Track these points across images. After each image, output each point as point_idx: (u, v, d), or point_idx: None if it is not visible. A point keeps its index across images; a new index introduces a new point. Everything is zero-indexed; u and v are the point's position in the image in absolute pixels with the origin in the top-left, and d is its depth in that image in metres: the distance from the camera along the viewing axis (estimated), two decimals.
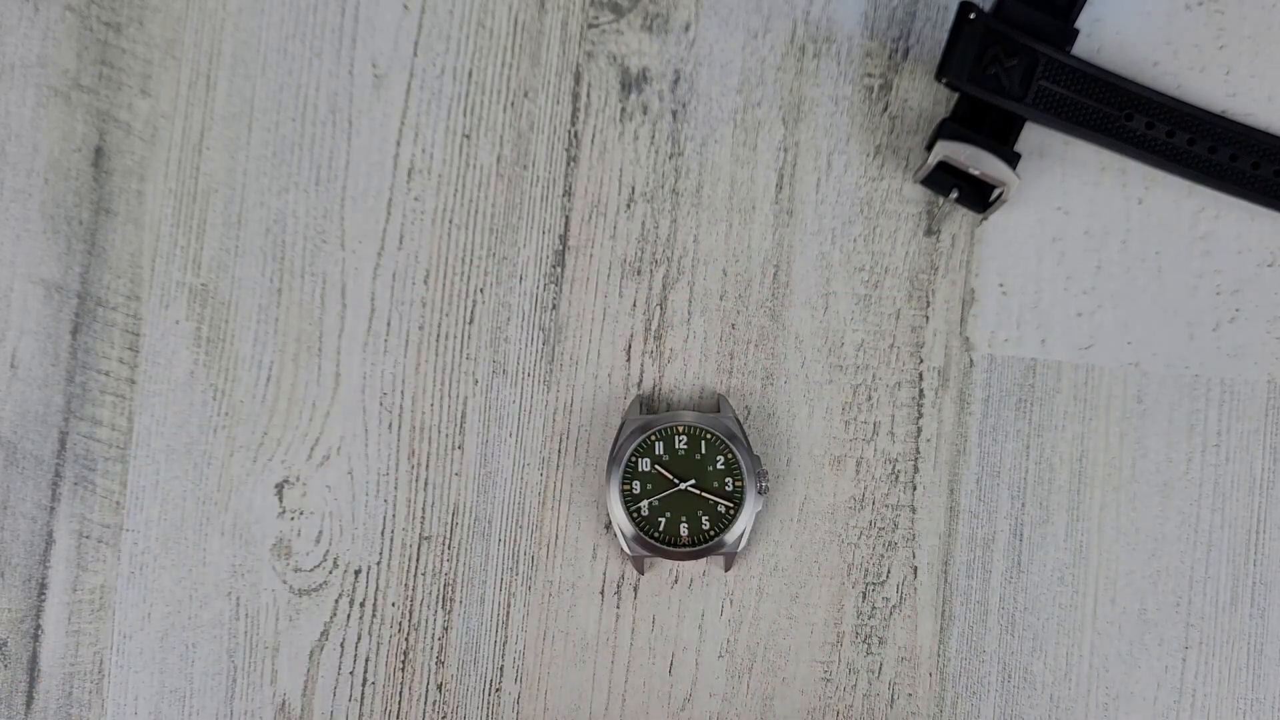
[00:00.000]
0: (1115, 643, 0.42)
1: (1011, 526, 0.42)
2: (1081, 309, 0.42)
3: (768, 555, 0.42)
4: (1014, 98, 0.41)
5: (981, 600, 0.42)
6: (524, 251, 0.42)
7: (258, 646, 0.41)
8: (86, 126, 0.42)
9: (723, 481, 0.41)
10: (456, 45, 0.43)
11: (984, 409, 0.42)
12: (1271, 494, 0.42)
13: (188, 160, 0.42)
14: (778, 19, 0.43)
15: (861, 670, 0.42)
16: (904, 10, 0.43)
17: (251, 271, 0.42)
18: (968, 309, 0.42)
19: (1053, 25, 0.41)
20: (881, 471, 0.42)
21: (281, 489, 0.42)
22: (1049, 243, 0.43)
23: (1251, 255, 0.43)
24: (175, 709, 0.41)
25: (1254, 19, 0.43)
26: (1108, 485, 0.42)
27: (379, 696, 0.41)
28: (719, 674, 0.42)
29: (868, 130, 0.43)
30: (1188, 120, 0.42)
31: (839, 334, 0.42)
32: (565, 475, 0.42)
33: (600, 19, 0.43)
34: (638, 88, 0.43)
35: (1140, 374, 0.42)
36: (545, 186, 0.43)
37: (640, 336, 0.42)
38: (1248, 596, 0.42)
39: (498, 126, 0.43)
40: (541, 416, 0.42)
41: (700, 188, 0.43)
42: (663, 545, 0.40)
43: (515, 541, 0.42)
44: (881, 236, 0.43)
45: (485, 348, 0.42)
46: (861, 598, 0.42)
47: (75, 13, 0.43)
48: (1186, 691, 0.42)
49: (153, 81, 0.43)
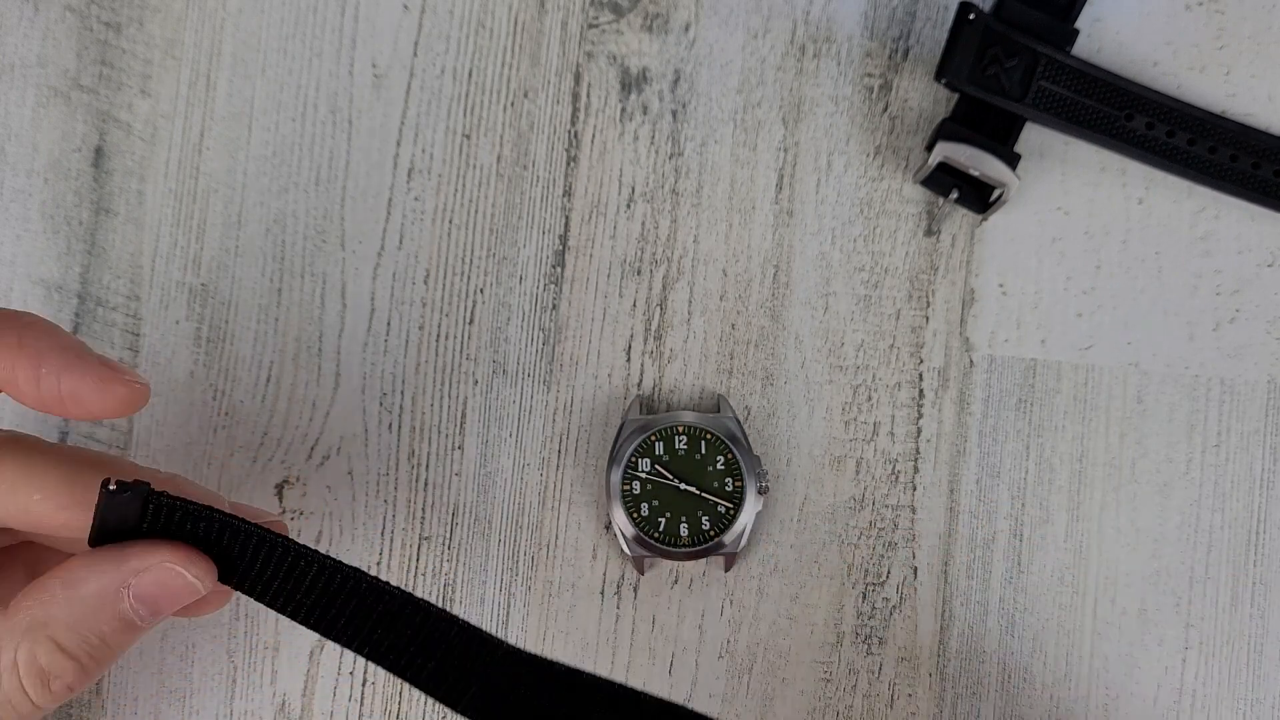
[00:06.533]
0: (1115, 643, 0.42)
1: (1011, 526, 0.42)
2: (1081, 309, 0.42)
3: (768, 555, 0.42)
4: (1014, 98, 0.41)
5: (981, 600, 0.42)
6: (524, 251, 0.42)
7: (258, 646, 0.41)
8: (86, 126, 0.42)
9: (723, 482, 0.41)
10: (456, 45, 0.43)
11: (984, 409, 0.42)
12: (1271, 494, 0.42)
13: (188, 160, 0.42)
14: (778, 19, 0.43)
15: (861, 670, 0.42)
16: (904, 10, 0.43)
17: (251, 271, 0.42)
18: (968, 309, 0.43)
19: (1053, 25, 0.41)
20: (881, 472, 0.42)
21: (281, 489, 0.42)
22: (1049, 243, 0.43)
23: (1251, 255, 0.43)
24: (175, 709, 0.41)
25: (1254, 19, 0.43)
26: (1108, 485, 0.42)
27: (379, 696, 0.41)
28: (719, 674, 0.42)
29: (868, 130, 0.43)
30: (1188, 120, 0.42)
31: (839, 334, 0.42)
32: (565, 475, 0.42)
33: (600, 19, 0.43)
34: (638, 88, 0.43)
35: (1140, 374, 0.42)
36: (545, 186, 0.43)
37: (640, 336, 0.42)
38: (1248, 596, 0.42)
39: (498, 126, 0.43)
40: (541, 416, 0.42)
41: (700, 188, 0.43)
42: (663, 545, 0.40)
43: (515, 541, 0.42)
44: (881, 236, 0.43)
45: (485, 348, 0.42)
46: (861, 598, 0.42)
47: (75, 13, 0.43)
48: (1186, 691, 0.42)
49: (153, 81, 0.43)
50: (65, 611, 0.28)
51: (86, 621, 0.28)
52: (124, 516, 0.29)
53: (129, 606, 0.28)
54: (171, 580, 0.29)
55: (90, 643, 0.28)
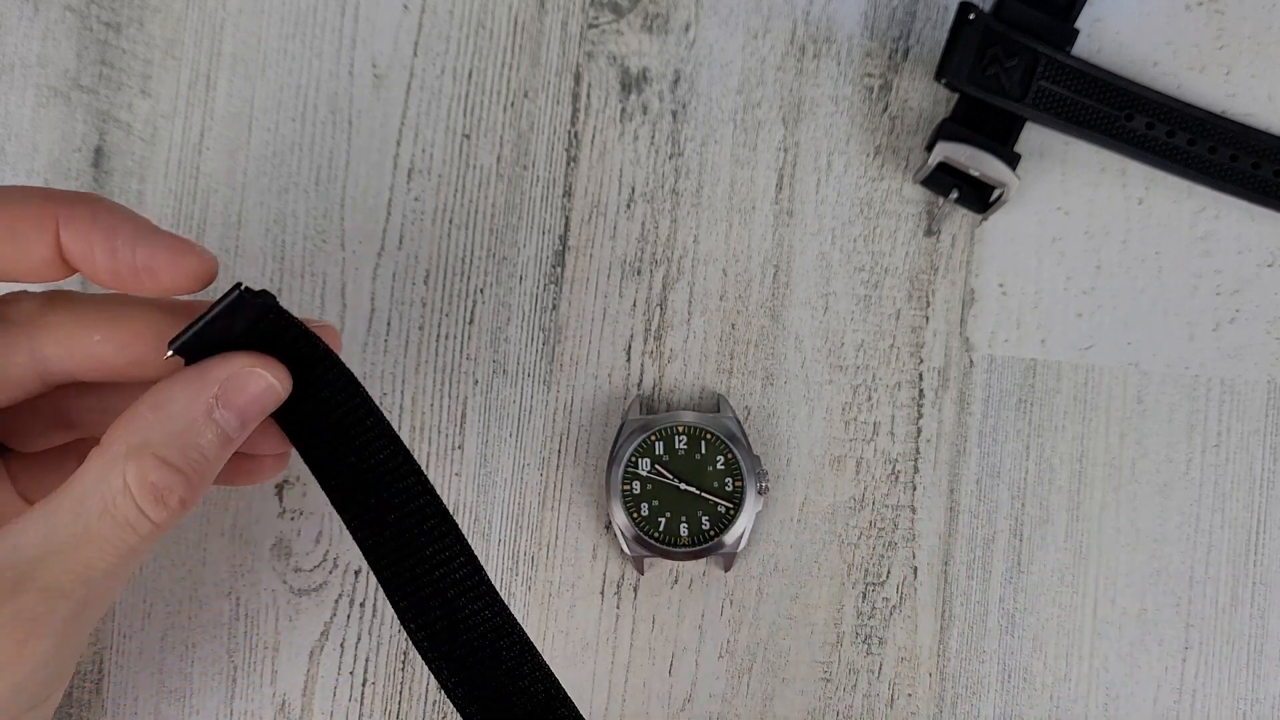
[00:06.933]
0: (1115, 643, 0.42)
1: (1011, 526, 0.42)
2: (1081, 309, 0.42)
3: (768, 555, 0.42)
4: (1014, 98, 0.41)
5: (981, 600, 0.42)
6: (524, 251, 0.42)
7: (257, 646, 0.41)
8: (86, 126, 0.42)
9: (723, 482, 0.41)
10: (456, 45, 0.43)
11: (984, 409, 0.42)
12: (1271, 494, 0.42)
13: (188, 160, 0.42)
14: (778, 19, 0.43)
15: (861, 670, 0.42)
16: (904, 10, 0.43)
17: (251, 271, 0.42)
18: (968, 309, 0.43)
19: (1053, 25, 0.41)
20: (881, 471, 0.42)
21: (281, 489, 0.42)
22: (1049, 243, 0.43)
23: (1251, 255, 0.43)
24: (175, 709, 0.41)
25: (1254, 19, 0.43)
26: (1108, 485, 0.42)
27: (379, 696, 0.41)
28: (719, 674, 0.42)
29: (868, 130, 0.43)
30: (1188, 120, 0.42)
31: (839, 334, 0.42)
32: (565, 475, 0.42)
33: (600, 19, 0.43)
34: (638, 88, 0.43)
35: (1140, 374, 0.42)
36: (545, 186, 0.43)
37: (640, 336, 0.42)
38: (1248, 597, 0.42)
39: (498, 126, 0.43)
40: (541, 416, 0.42)
41: (700, 188, 0.43)
42: (663, 545, 0.40)
43: (515, 541, 0.42)
44: (881, 236, 0.43)
45: (485, 348, 0.42)
46: (861, 598, 0.42)
47: (75, 13, 0.43)
48: (1186, 691, 0.42)
49: (153, 81, 0.43)
50: (161, 430, 0.29)
51: (183, 435, 0.29)
52: (225, 329, 0.30)
53: (219, 416, 0.29)
54: (253, 384, 0.30)
55: (190, 456, 0.29)
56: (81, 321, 0.30)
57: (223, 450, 0.30)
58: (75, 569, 0.28)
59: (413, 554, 0.32)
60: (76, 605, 0.28)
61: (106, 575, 0.29)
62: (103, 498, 0.28)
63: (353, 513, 0.32)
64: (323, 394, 0.31)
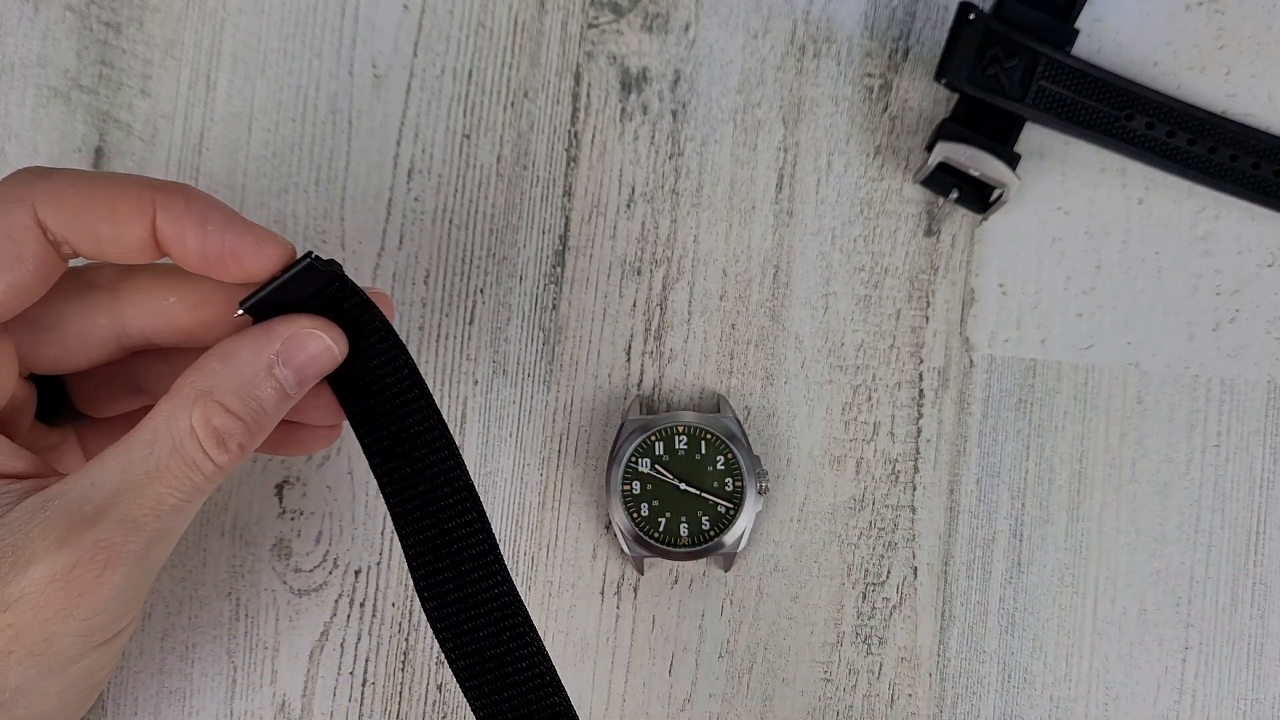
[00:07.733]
0: (1115, 643, 0.42)
1: (1011, 526, 0.42)
2: (1081, 309, 0.42)
3: (768, 555, 0.42)
4: (1014, 98, 0.41)
5: (981, 600, 0.42)
6: (524, 251, 0.42)
7: (257, 647, 0.41)
8: (86, 126, 0.42)
9: (723, 482, 0.41)
10: (456, 45, 0.43)
11: (984, 409, 0.42)
12: (1271, 494, 0.42)
13: (188, 160, 0.42)
14: (778, 19, 0.43)
15: (861, 670, 0.42)
16: (904, 10, 0.43)
17: None
18: (968, 309, 0.43)
19: (1053, 25, 0.41)
20: (881, 472, 0.42)
21: (281, 489, 0.42)
22: (1049, 243, 0.43)
23: (1251, 255, 0.43)
24: (175, 709, 0.41)
25: (1254, 19, 0.43)
26: (1108, 485, 0.42)
27: (379, 696, 0.41)
28: (719, 674, 0.42)
29: (868, 130, 0.43)
30: (1188, 120, 0.42)
31: (839, 334, 0.42)
32: (565, 475, 0.42)
33: (600, 19, 0.43)
34: (638, 88, 0.43)
35: (1140, 374, 0.42)
36: (545, 186, 0.43)
37: (640, 336, 0.42)
38: (1248, 597, 0.42)
39: (498, 126, 0.43)
40: (541, 417, 0.42)
41: (700, 188, 0.43)
42: (663, 545, 0.40)
43: (515, 542, 0.42)
44: (881, 237, 0.43)
45: (485, 348, 0.42)
46: (861, 598, 0.42)
47: (75, 13, 0.43)
48: (1186, 691, 0.42)
49: (153, 81, 0.43)
50: (226, 380, 0.31)
51: (246, 387, 0.31)
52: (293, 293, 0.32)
53: (279, 372, 0.31)
54: (313, 344, 0.32)
55: (250, 405, 0.31)
56: (158, 284, 0.33)
57: (280, 404, 0.32)
58: (148, 503, 0.30)
59: (434, 525, 0.34)
60: (149, 538, 0.30)
61: (175, 510, 0.31)
62: (172, 437, 0.30)
63: (388, 478, 0.34)
64: (374, 362, 0.33)
